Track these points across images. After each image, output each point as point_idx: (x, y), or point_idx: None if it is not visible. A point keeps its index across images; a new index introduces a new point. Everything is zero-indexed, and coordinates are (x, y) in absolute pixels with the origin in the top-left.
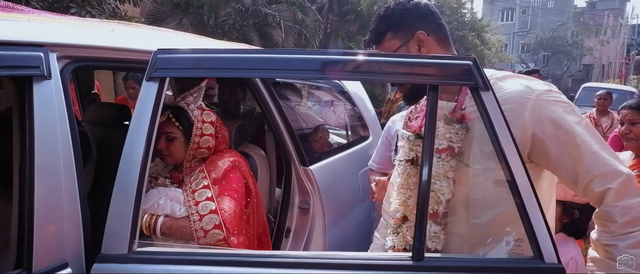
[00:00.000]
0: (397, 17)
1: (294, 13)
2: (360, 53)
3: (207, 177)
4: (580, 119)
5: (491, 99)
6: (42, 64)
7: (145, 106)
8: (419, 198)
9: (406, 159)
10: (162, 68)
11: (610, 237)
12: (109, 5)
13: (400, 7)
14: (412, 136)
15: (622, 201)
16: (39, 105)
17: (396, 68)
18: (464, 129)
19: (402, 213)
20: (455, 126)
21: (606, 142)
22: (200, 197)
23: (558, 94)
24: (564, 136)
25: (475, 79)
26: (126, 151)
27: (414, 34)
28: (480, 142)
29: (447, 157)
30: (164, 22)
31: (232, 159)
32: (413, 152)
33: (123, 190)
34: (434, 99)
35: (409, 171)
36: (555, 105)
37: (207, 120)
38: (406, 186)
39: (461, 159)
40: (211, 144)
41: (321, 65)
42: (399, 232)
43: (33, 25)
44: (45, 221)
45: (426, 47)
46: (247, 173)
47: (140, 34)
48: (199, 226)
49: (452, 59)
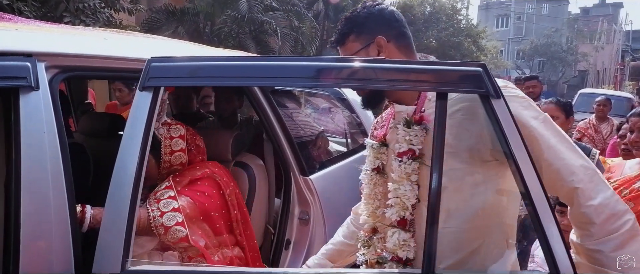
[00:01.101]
0: (361, 21)
1: (290, 20)
2: (362, 60)
3: (172, 186)
4: (537, 113)
5: (502, 107)
6: (29, 75)
7: (138, 117)
8: (429, 210)
9: (372, 168)
10: (156, 77)
11: (593, 241)
12: (103, 15)
13: (365, 11)
14: (377, 144)
15: (594, 200)
16: (26, 117)
17: (404, 75)
18: (423, 130)
19: (371, 225)
20: (415, 128)
21: (570, 138)
22: (162, 197)
23: (514, 89)
24: (521, 131)
25: (485, 86)
26: (119, 163)
27: (375, 38)
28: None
29: (409, 160)
30: (159, 31)
31: (205, 170)
32: (378, 160)
33: (115, 204)
34: (442, 107)
35: (376, 180)
36: (512, 100)
37: (175, 135)
38: (373, 195)
39: (423, 161)
40: (184, 160)
41: (319, 73)
42: (369, 245)
43: (20, 34)
44: (33, 238)
45: (385, 52)
46: (227, 185)
47: (134, 42)
48: (160, 223)
49: (461, 66)
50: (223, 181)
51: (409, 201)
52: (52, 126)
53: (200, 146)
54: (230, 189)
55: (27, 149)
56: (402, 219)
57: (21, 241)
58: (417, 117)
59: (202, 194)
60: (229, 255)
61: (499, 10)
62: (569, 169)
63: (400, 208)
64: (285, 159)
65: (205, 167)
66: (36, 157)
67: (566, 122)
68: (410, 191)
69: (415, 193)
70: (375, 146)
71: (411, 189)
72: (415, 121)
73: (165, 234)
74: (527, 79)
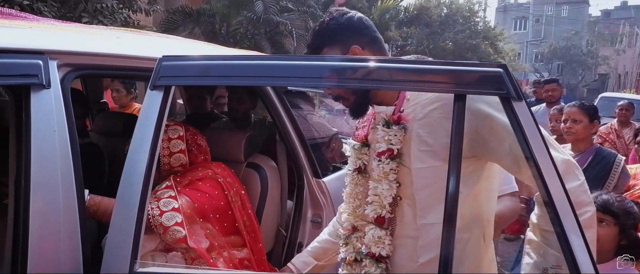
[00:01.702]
0: (332, 33)
1: (305, 21)
2: (377, 60)
3: (172, 186)
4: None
5: (524, 110)
6: (40, 73)
7: (148, 117)
8: (445, 213)
9: (353, 168)
10: (167, 76)
11: (549, 223)
12: (121, 15)
13: (334, 22)
14: (358, 144)
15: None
16: (37, 115)
17: (419, 76)
18: (401, 129)
19: (352, 223)
20: (393, 129)
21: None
22: (162, 196)
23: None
24: (496, 126)
25: (506, 87)
26: (128, 164)
27: (349, 48)
28: (417, 142)
29: (387, 160)
30: (176, 31)
31: (207, 170)
32: (360, 160)
33: (124, 205)
34: (460, 109)
35: (357, 180)
36: (482, 97)
37: (173, 136)
38: (354, 195)
39: (401, 161)
40: (184, 161)
41: (331, 73)
42: (348, 242)
43: (33, 32)
44: (41, 238)
45: None
46: (230, 186)
47: (147, 41)
48: (159, 222)
49: (480, 66)
50: (226, 181)
51: (386, 199)
52: (63, 125)
53: (202, 146)
54: (234, 190)
55: (37, 148)
56: (379, 216)
57: (30, 240)
58: (395, 117)
59: (203, 195)
60: (237, 257)
61: (517, 13)
62: None
63: (378, 205)
64: (298, 161)
65: (208, 168)
66: (46, 156)
67: (590, 126)
68: (388, 189)
69: (392, 192)
70: (357, 147)
71: (389, 187)
72: (393, 121)
73: (164, 234)
74: (546, 82)
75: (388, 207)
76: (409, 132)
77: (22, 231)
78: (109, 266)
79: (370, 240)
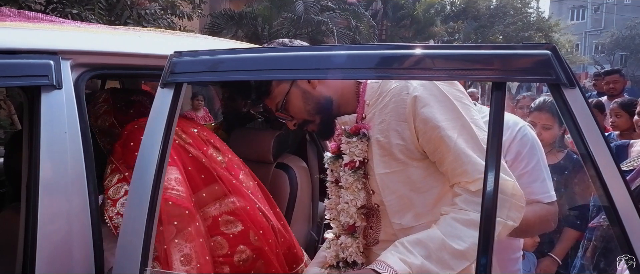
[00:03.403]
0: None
1: (347, 20)
2: (411, 46)
3: (116, 167)
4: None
5: (578, 98)
6: (51, 73)
7: (159, 116)
8: (482, 220)
9: (330, 180)
10: (178, 72)
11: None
12: (164, 20)
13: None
14: (333, 156)
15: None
16: (47, 116)
17: (452, 63)
18: (363, 139)
19: (335, 232)
20: (354, 139)
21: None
22: (117, 194)
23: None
24: (431, 132)
25: (556, 73)
26: (139, 164)
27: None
28: (378, 147)
29: (350, 171)
30: (220, 35)
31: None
32: (336, 172)
33: (135, 206)
34: (499, 98)
35: (335, 191)
36: (430, 99)
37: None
38: (333, 205)
39: (366, 169)
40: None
41: (352, 61)
42: (329, 247)
43: (50, 33)
44: (50, 241)
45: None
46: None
47: (170, 40)
48: (114, 212)
49: (524, 49)
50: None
51: (351, 209)
52: (75, 126)
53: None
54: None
55: (47, 148)
56: (349, 225)
57: (38, 243)
58: (353, 128)
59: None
60: (212, 214)
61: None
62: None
63: (347, 215)
64: None
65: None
66: (56, 158)
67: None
68: (352, 199)
69: (359, 201)
70: (331, 159)
71: (353, 197)
72: (351, 132)
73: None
74: (607, 74)
75: (356, 216)
76: (372, 139)
77: (30, 234)
78: (120, 268)
79: (342, 247)
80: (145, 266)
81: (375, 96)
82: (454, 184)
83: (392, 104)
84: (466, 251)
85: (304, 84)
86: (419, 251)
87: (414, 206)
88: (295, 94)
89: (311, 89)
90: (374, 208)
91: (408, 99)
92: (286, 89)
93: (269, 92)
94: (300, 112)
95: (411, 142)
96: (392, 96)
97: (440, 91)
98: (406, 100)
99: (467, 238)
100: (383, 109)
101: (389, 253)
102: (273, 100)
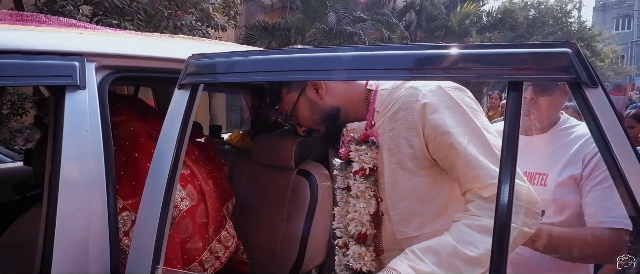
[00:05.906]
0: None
1: (379, 31)
2: (425, 46)
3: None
4: (465, 120)
5: (601, 98)
6: (75, 73)
7: (175, 118)
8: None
9: (341, 187)
10: (194, 74)
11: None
12: (200, 31)
13: None
14: (343, 163)
15: (488, 202)
16: (70, 115)
17: (467, 63)
18: (373, 147)
19: (343, 240)
20: (363, 147)
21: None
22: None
23: (445, 93)
24: (441, 138)
25: (576, 71)
26: (154, 165)
27: (306, 81)
28: (388, 155)
29: (361, 179)
30: (254, 46)
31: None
32: (347, 179)
33: (149, 207)
34: (514, 99)
35: (346, 198)
36: (439, 106)
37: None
38: (344, 213)
39: (376, 177)
40: None
41: (369, 63)
42: (335, 254)
43: (76, 36)
44: (67, 239)
45: (323, 87)
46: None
47: (196, 46)
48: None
49: (543, 47)
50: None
51: (364, 217)
52: (97, 126)
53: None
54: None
55: (68, 147)
56: (360, 234)
57: (55, 241)
58: (362, 136)
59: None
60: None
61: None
62: (479, 180)
63: (358, 223)
64: None
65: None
66: (76, 156)
67: None
68: (365, 207)
69: (370, 209)
70: (341, 166)
71: (366, 205)
72: (360, 139)
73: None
74: None
75: (367, 224)
76: (381, 146)
77: (48, 232)
78: (132, 268)
79: (352, 256)
80: (157, 265)
81: (384, 103)
82: (466, 191)
83: (402, 111)
84: (479, 257)
85: (312, 94)
86: (429, 258)
87: (418, 215)
88: (303, 104)
89: (319, 100)
90: (379, 216)
91: (417, 106)
92: (294, 99)
93: (280, 99)
94: (307, 121)
95: (420, 149)
96: (402, 103)
97: (449, 97)
98: (415, 107)
99: (480, 244)
100: (392, 116)
101: (399, 260)
102: (283, 107)
